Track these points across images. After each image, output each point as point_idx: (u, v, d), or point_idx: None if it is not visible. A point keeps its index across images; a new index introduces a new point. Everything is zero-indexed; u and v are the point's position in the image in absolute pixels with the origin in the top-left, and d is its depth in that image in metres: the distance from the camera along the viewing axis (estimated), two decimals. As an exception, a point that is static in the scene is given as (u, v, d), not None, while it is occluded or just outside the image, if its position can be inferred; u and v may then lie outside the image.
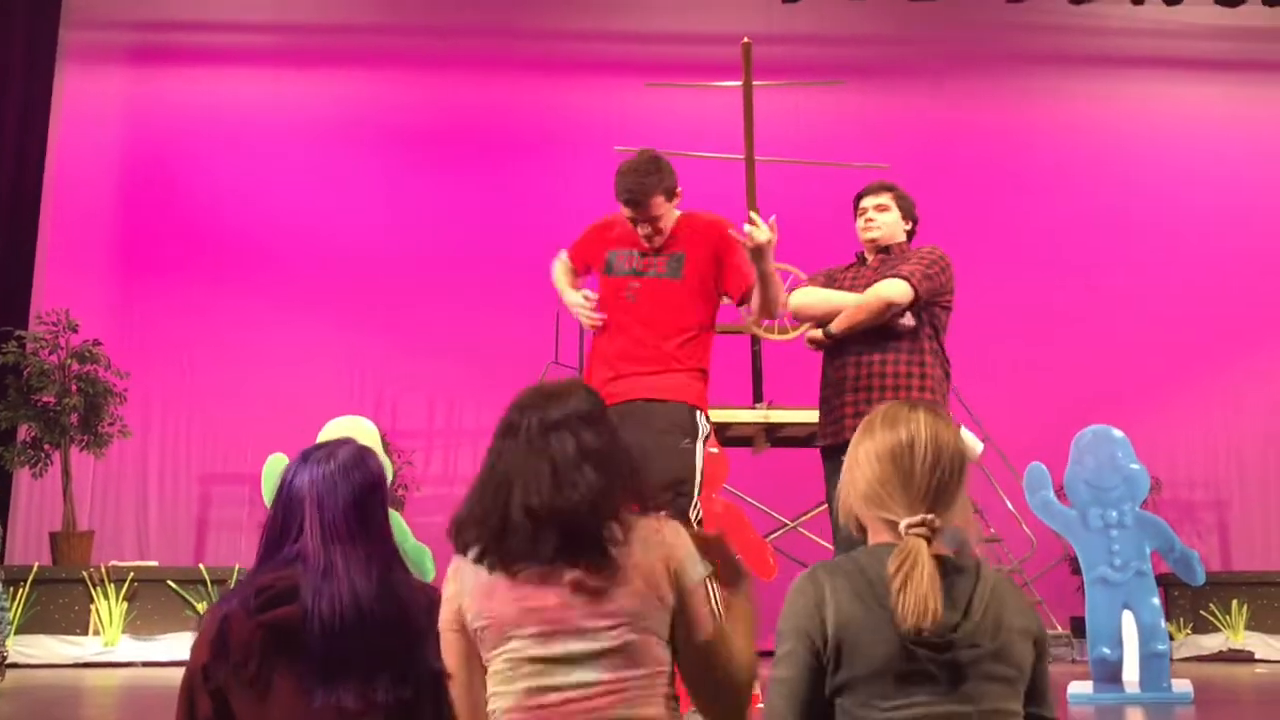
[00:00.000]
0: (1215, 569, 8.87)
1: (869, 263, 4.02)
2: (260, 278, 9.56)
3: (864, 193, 4.07)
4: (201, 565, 7.96)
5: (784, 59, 9.40)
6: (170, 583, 7.62)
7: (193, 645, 1.89)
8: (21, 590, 7.32)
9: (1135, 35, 10.53)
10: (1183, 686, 4.95)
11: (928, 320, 3.86)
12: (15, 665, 7.12)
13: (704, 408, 3.70)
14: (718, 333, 3.86)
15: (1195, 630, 8.26)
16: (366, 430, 4.52)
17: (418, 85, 10.06)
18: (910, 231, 4.06)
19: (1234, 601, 8.17)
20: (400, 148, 9.93)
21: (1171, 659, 5.17)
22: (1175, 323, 9.85)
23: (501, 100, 9.99)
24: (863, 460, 1.91)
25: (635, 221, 3.69)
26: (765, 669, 1.91)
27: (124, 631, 7.43)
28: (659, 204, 3.65)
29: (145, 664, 7.33)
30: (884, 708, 1.74)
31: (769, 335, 7.19)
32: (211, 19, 10.13)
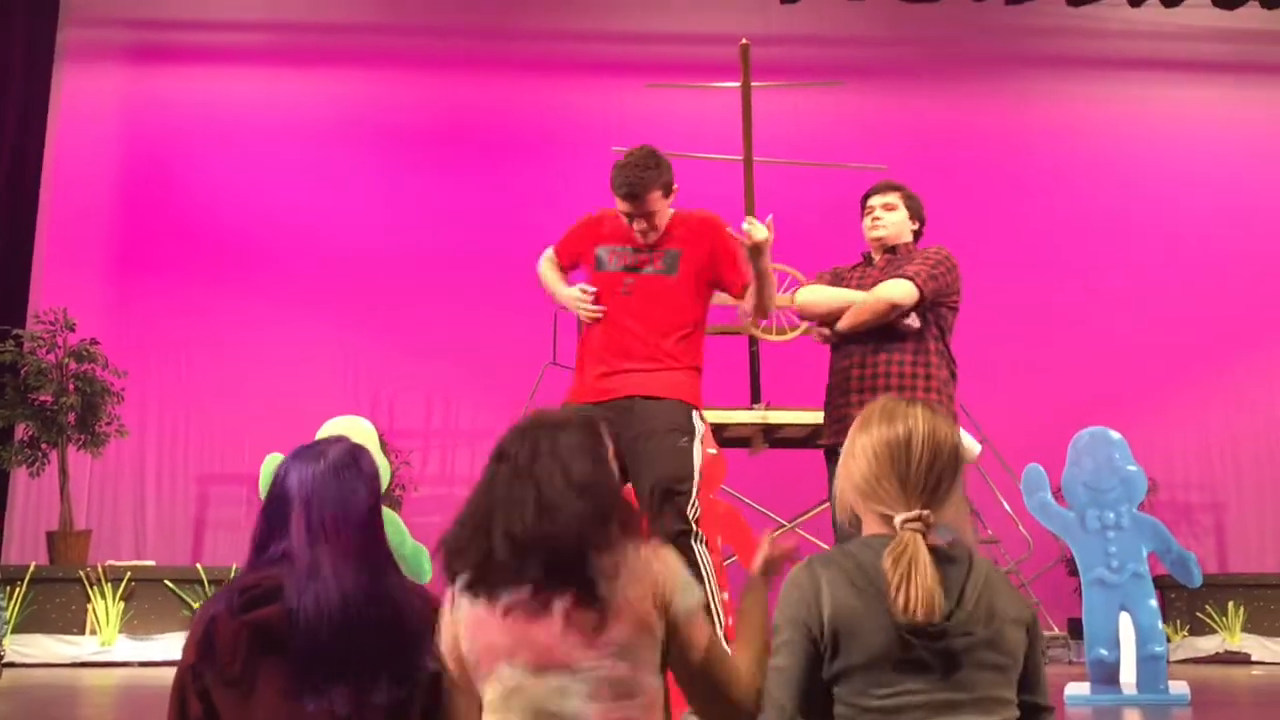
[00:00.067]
0: (1212, 571, 8.87)
1: (875, 262, 3.98)
2: (258, 277, 9.55)
3: (872, 191, 4.03)
4: (199, 565, 7.95)
5: (782, 60, 9.41)
6: (167, 582, 7.61)
7: (183, 646, 1.86)
8: (18, 589, 7.32)
9: (1133, 37, 10.54)
10: (1180, 688, 4.94)
11: (933, 320, 3.82)
12: (12, 665, 7.12)
13: (699, 406, 3.69)
14: (716, 334, 3.85)
15: (1192, 632, 8.26)
16: (364, 430, 4.51)
17: (416, 85, 10.05)
18: (917, 232, 4.02)
19: (1231, 603, 8.18)
20: (399, 147, 9.93)
21: (1168, 661, 5.16)
22: (1173, 325, 9.85)
23: (500, 100, 9.98)
24: (859, 454, 1.91)
25: (631, 217, 3.66)
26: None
27: (121, 631, 7.43)
28: (655, 199, 3.63)
29: (142, 664, 7.32)
30: (880, 695, 1.76)
31: (767, 336, 7.19)
32: (210, 18, 10.12)
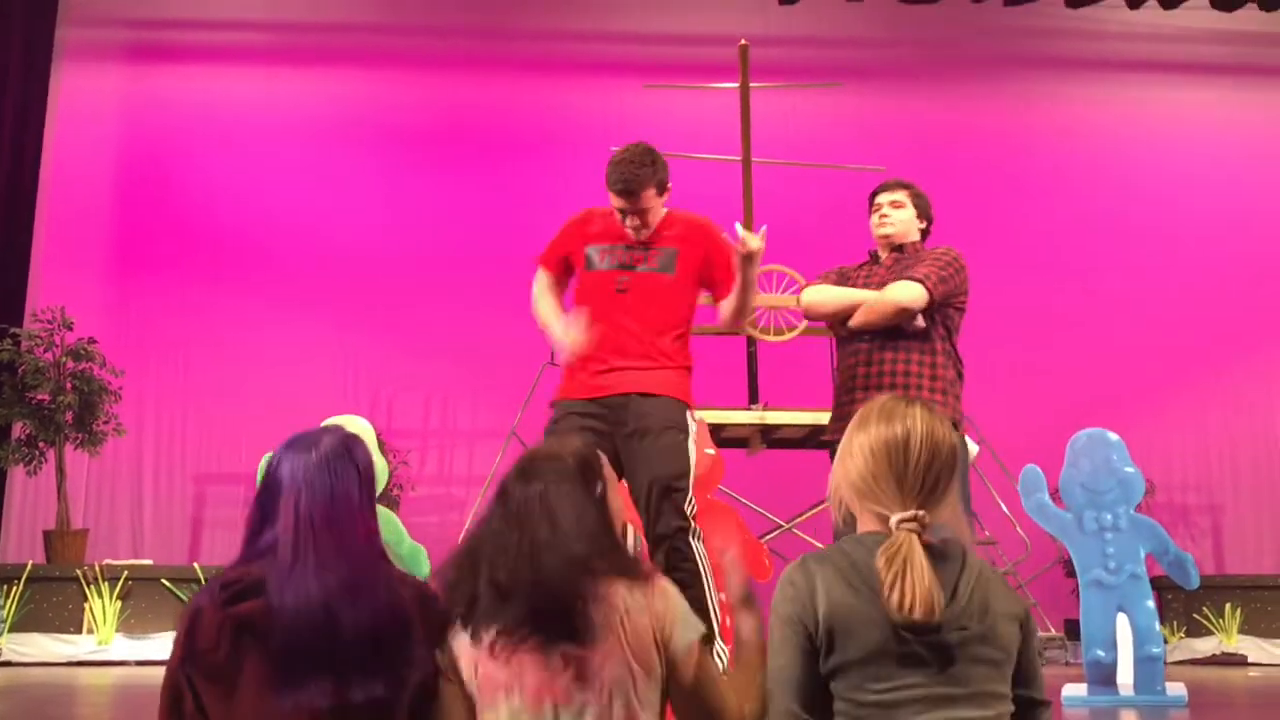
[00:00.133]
0: (1209, 572, 8.88)
1: (882, 261, 3.94)
2: (257, 277, 9.55)
3: (880, 189, 3.99)
4: (196, 564, 7.94)
5: (781, 61, 9.41)
6: (164, 581, 7.60)
7: (173, 642, 1.84)
8: (15, 588, 7.32)
9: (1132, 39, 10.54)
10: (1177, 690, 4.95)
11: (940, 321, 3.79)
12: (9, 663, 7.12)
13: (692, 405, 3.70)
14: (715, 334, 3.84)
15: (1189, 633, 8.26)
16: (362, 429, 4.51)
17: (416, 85, 10.04)
18: (925, 230, 3.98)
19: (1228, 605, 8.18)
20: (398, 147, 9.92)
21: (1165, 662, 5.16)
22: (1172, 326, 9.86)
23: (500, 100, 9.98)
24: (856, 452, 1.91)
25: (625, 213, 3.64)
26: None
27: (118, 630, 7.42)
28: (650, 196, 3.62)
29: (139, 662, 7.31)
30: (876, 690, 1.77)
31: (765, 337, 7.18)
32: (209, 17, 10.11)
